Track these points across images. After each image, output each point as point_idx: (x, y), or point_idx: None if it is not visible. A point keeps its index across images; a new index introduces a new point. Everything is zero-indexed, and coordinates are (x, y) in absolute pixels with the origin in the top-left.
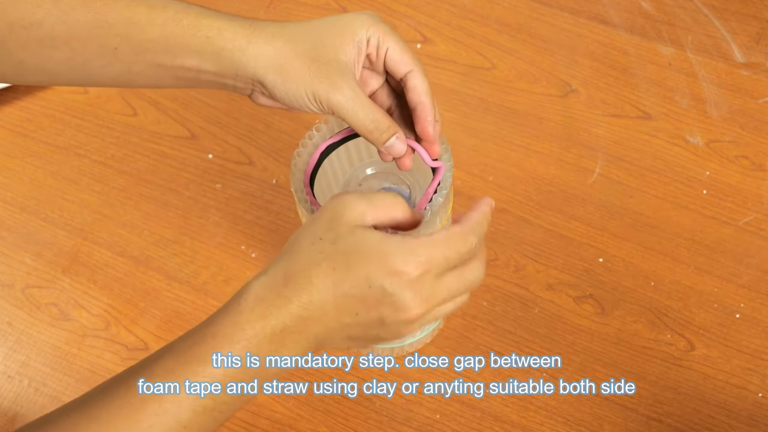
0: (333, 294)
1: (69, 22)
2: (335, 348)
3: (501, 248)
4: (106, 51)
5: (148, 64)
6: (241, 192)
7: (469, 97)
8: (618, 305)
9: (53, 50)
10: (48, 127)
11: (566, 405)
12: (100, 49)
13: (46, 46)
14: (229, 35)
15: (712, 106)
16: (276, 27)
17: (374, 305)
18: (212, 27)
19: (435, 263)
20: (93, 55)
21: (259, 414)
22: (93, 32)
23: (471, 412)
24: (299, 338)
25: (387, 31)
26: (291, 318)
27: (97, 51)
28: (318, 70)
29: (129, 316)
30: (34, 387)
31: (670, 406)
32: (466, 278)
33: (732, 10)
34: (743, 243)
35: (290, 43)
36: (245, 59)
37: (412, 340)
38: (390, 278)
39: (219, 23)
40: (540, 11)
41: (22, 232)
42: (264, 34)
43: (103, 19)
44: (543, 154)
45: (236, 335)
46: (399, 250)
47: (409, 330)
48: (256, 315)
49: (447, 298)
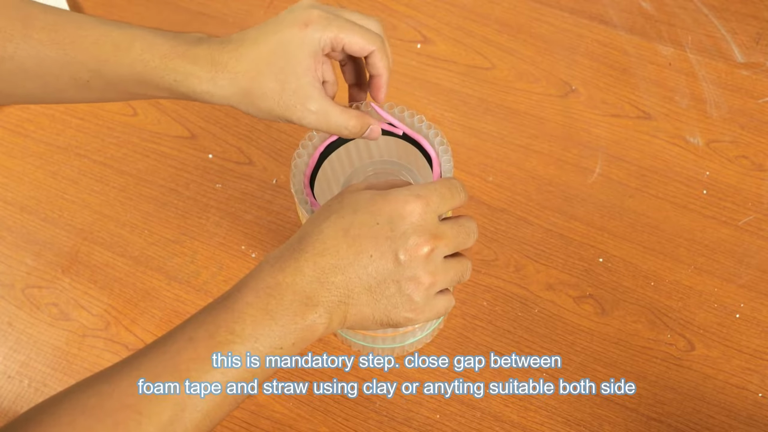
0: (344, 236)
1: (40, 57)
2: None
3: (501, 248)
4: (79, 83)
5: (121, 93)
6: (241, 192)
7: (469, 97)
8: (618, 305)
9: (26, 81)
10: (48, 127)
11: (566, 405)
12: (72, 81)
13: (19, 78)
14: (195, 80)
15: (712, 106)
16: (236, 61)
17: (385, 242)
18: (178, 71)
19: (432, 199)
20: (66, 86)
21: (259, 414)
22: (64, 68)
23: (471, 412)
24: (320, 290)
25: (339, 26)
26: (308, 264)
27: (70, 83)
28: (286, 101)
29: (129, 316)
30: (34, 387)
31: (670, 406)
32: (464, 225)
33: (732, 10)
34: (743, 243)
35: (254, 81)
36: (215, 99)
37: (413, 340)
38: (395, 214)
39: (184, 67)
40: (540, 11)
41: (22, 232)
42: (227, 74)
43: (73, 57)
44: (543, 154)
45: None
46: (398, 193)
47: (426, 272)
48: (276, 269)
49: (451, 239)
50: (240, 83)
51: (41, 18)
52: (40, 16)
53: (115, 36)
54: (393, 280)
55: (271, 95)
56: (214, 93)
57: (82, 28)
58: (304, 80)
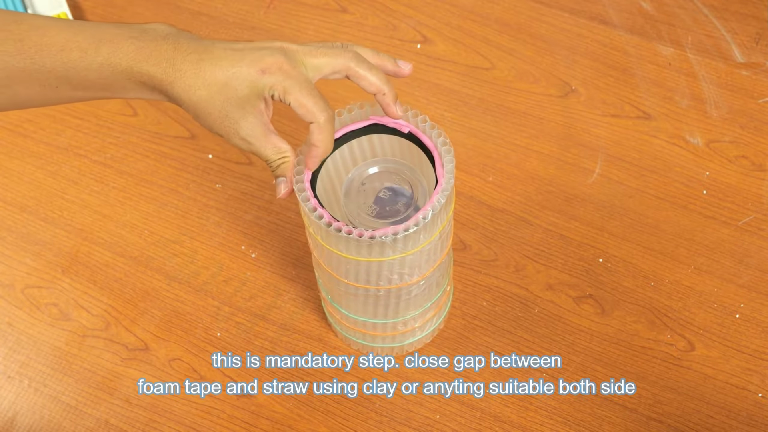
0: None
1: (8, 68)
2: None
3: (501, 248)
4: (47, 90)
5: (91, 95)
6: (241, 192)
7: (469, 97)
8: (618, 305)
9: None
10: (48, 127)
11: (566, 405)
12: (41, 88)
13: None
14: (156, 83)
15: (712, 106)
16: (193, 76)
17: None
18: (143, 74)
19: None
20: (35, 93)
21: (259, 414)
22: (33, 76)
23: (471, 412)
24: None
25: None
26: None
27: (39, 90)
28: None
29: (129, 316)
30: (34, 387)
31: (670, 406)
32: None
33: (732, 10)
34: (743, 243)
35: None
36: (170, 101)
37: (413, 340)
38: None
39: (148, 70)
40: (540, 11)
41: (22, 232)
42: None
43: (41, 65)
44: (543, 154)
45: None
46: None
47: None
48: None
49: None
50: (191, 96)
51: (5, 29)
52: (3, 26)
53: (80, 41)
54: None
55: (214, 118)
56: (169, 96)
57: (46, 35)
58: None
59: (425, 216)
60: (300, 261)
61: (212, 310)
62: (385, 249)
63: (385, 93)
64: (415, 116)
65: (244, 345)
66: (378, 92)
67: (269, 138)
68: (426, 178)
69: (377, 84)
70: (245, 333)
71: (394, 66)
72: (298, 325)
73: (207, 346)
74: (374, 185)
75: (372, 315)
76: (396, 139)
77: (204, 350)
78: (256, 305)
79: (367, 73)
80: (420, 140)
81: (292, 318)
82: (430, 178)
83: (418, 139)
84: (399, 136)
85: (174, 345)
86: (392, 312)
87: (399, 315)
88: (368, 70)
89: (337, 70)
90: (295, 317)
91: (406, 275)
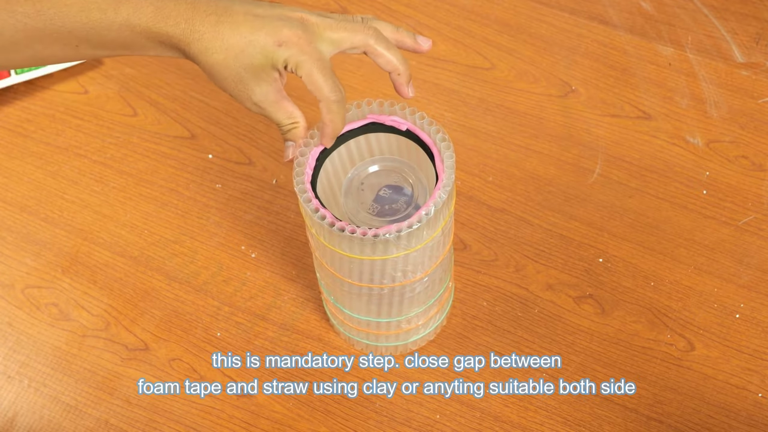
0: None
1: (27, 30)
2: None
3: (501, 248)
4: (68, 48)
5: (111, 53)
6: (241, 192)
7: (469, 97)
8: (618, 305)
9: (15, 54)
10: (48, 127)
11: (566, 405)
12: (62, 47)
13: (9, 51)
14: (174, 42)
15: (712, 107)
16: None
17: None
18: (162, 35)
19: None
20: (56, 51)
21: (259, 414)
22: (52, 36)
23: (471, 412)
24: None
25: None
26: None
27: (60, 49)
28: (240, 91)
29: (129, 316)
30: (34, 387)
31: (670, 406)
32: None
33: (732, 10)
34: (743, 243)
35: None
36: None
37: (416, 338)
38: None
39: (167, 31)
40: (540, 11)
41: (22, 232)
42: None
43: (61, 26)
44: (543, 154)
45: None
46: None
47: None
48: None
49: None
50: (207, 59)
51: None
52: None
53: (99, 2)
54: None
55: (229, 82)
56: (187, 56)
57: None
58: (261, 82)
59: (428, 212)
60: (300, 261)
61: (212, 310)
62: (389, 247)
63: (400, 73)
64: (413, 113)
65: (244, 345)
66: (393, 71)
67: (281, 104)
68: (426, 175)
69: (394, 63)
70: (245, 333)
71: (414, 42)
72: (298, 325)
73: (207, 346)
74: (374, 184)
75: (376, 314)
76: (394, 137)
77: (204, 350)
78: (256, 305)
79: (385, 51)
80: (418, 137)
81: (292, 318)
82: (429, 175)
83: (416, 136)
84: (397, 133)
85: (174, 345)
86: (396, 310)
87: (403, 313)
88: (387, 48)
89: (355, 46)
90: (295, 317)
91: (410, 272)
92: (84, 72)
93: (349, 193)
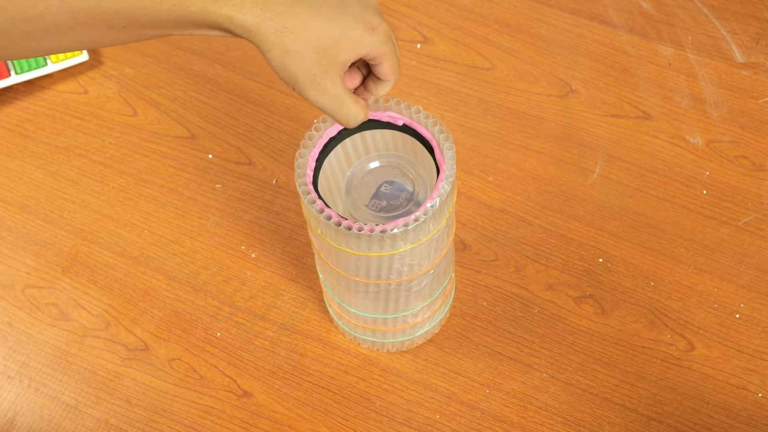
0: None
1: (72, 11)
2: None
3: (501, 248)
4: (114, 30)
5: (160, 33)
6: (241, 192)
7: (469, 97)
8: (618, 305)
9: (58, 36)
10: (48, 127)
11: (566, 405)
12: (107, 29)
13: (52, 33)
14: (239, 24)
15: (712, 106)
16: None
17: None
18: (221, 15)
19: None
20: (100, 34)
21: (259, 414)
22: (98, 18)
23: (471, 412)
24: None
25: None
26: None
27: (105, 30)
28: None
29: (129, 316)
30: (34, 387)
31: (670, 406)
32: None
33: (732, 10)
34: (743, 243)
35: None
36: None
37: (422, 332)
38: None
39: (227, 11)
40: (540, 11)
41: (22, 232)
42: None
43: (107, 6)
44: (543, 154)
45: None
46: None
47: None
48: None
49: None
50: (283, 39)
51: None
52: None
53: None
54: None
55: (305, 66)
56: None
57: None
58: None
59: (433, 204)
60: (300, 261)
61: (212, 310)
62: (396, 241)
63: (389, 83)
64: (408, 108)
65: (244, 345)
66: (385, 80)
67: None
68: (425, 169)
69: (390, 75)
70: (245, 333)
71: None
72: (298, 325)
73: (207, 346)
74: (375, 180)
75: (383, 311)
76: (390, 133)
77: (204, 350)
78: (256, 305)
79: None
80: (416, 131)
81: (292, 318)
82: (429, 169)
83: (414, 131)
84: (394, 129)
85: (174, 345)
86: (403, 305)
87: (410, 307)
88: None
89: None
90: (295, 317)
91: (416, 266)
92: (84, 72)
93: (350, 190)
